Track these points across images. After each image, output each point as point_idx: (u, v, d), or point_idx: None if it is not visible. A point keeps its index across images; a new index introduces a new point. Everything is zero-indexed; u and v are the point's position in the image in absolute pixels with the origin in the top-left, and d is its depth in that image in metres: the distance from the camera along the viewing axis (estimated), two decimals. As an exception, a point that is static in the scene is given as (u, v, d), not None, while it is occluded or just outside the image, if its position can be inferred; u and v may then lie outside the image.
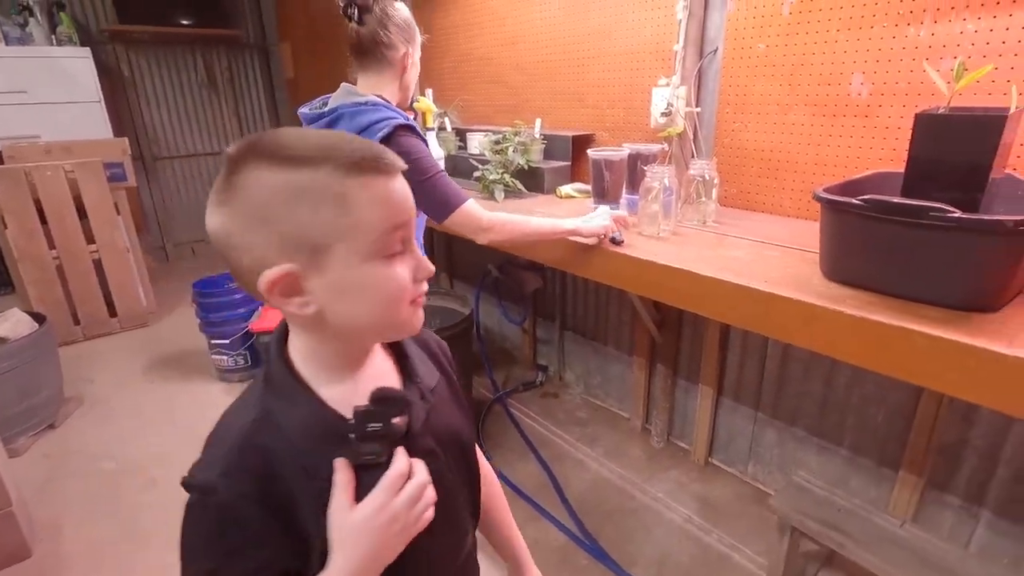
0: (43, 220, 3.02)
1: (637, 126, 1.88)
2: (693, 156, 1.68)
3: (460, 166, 2.15)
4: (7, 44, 3.49)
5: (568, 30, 2.02)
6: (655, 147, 1.58)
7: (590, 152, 1.47)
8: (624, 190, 1.58)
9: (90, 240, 3.18)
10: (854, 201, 0.93)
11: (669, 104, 1.65)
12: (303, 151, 0.47)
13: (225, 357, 2.66)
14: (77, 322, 3.22)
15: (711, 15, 1.63)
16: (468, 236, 1.23)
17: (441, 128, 2.33)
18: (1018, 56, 1.11)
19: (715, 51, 1.64)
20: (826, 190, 1.02)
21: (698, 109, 1.65)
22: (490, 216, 1.21)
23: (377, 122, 1.14)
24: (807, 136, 1.47)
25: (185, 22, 4.20)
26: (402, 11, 1.23)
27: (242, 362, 2.69)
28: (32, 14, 3.61)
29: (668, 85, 1.67)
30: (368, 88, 1.26)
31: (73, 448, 2.24)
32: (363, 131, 1.14)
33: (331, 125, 1.20)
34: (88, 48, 3.69)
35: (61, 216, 3.07)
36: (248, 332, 2.58)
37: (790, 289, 1.02)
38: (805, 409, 1.72)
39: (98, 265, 3.23)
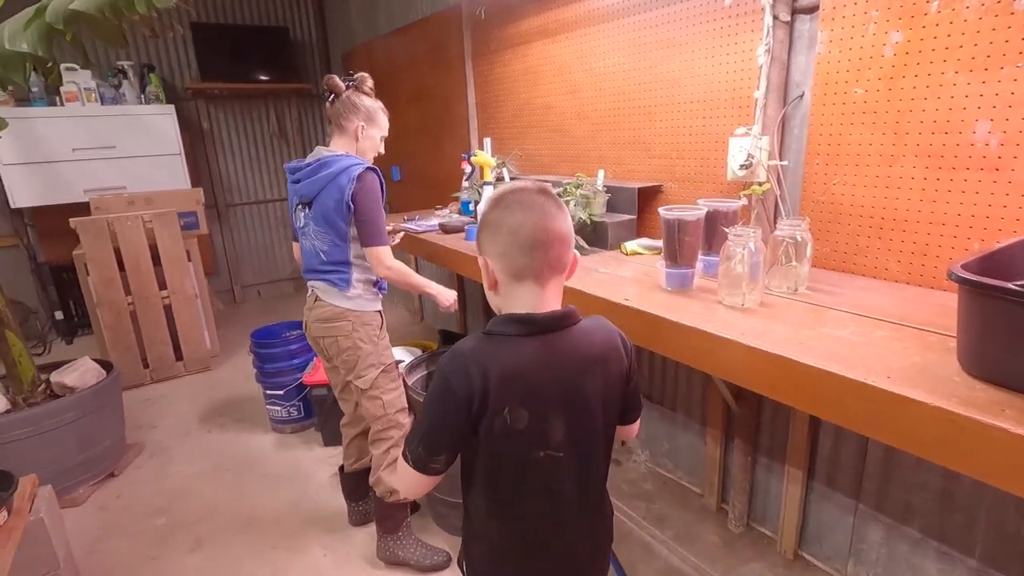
0: (121, 267, 3.17)
1: (711, 177, 1.73)
2: (780, 214, 1.50)
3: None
4: (102, 104, 3.77)
5: (634, 78, 1.92)
6: (734, 203, 1.42)
7: (662, 212, 1.33)
8: (700, 250, 1.42)
9: (162, 286, 3.31)
10: (1012, 287, 0.74)
11: (749, 155, 1.49)
12: None
13: (279, 408, 2.64)
14: (146, 365, 3.32)
15: (795, 58, 1.48)
16: (373, 267, 1.64)
17: (499, 179, 2.26)
18: None
19: (800, 97, 1.48)
20: (965, 267, 0.83)
21: (784, 162, 1.49)
22: (390, 264, 1.62)
23: (353, 165, 1.57)
24: (918, 191, 1.27)
25: (262, 78, 4.44)
26: (363, 100, 1.64)
27: (295, 413, 2.66)
28: (126, 76, 3.91)
29: (747, 135, 1.51)
30: (338, 147, 1.66)
31: (128, 501, 2.24)
32: (343, 170, 1.56)
33: (319, 168, 1.59)
34: (172, 105, 3.95)
35: (137, 264, 3.21)
36: (302, 384, 2.55)
37: (923, 389, 0.82)
38: (920, 505, 1.46)
39: (168, 310, 3.34)
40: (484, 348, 0.84)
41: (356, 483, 1.98)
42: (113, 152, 3.79)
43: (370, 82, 1.68)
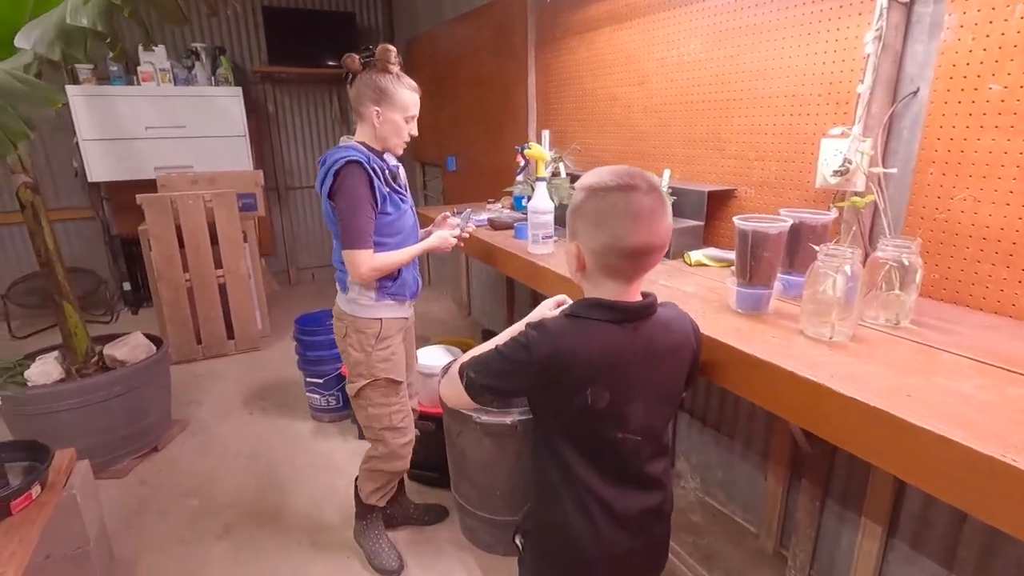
0: (181, 244, 3.25)
1: (795, 184, 1.51)
2: (879, 231, 1.28)
3: (572, 218, 1.90)
4: (175, 84, 3.89)
5: (710, 69, 1.72)
6: (824, 216, 1.21)
7: (738, 221, 1.15)
8: (779, 267, 1.23)
9: (218, 265, 3.37)
10: None
11: (846, 160, 1.28)
12: None
13: (318, 396, 2.61)
14: (200, 341, 3.40)
15: (911, 47, 1.25)
16: (350, 272, 1.52)
17: (555, 174, 2.12)
18: None
19: (915, 92, 1.25)
20: None
21: (892, 170, 1.26)
22: (369, 267, 1.50)
23: (339, 158, 1.44)
24: (1067, 212, 1.03)
25: (330, 63, 4.46)
26: (381, 80, 1.49)
27: (334, 403, 2.62)
28: (199, 58, 4.01)
29: (844, 136, 1.30)
30: (358, 136, 1.56)
31: (167, 479, 2.27)
32: (331, 164, 1.45)
33: (322, 162, 1.51)
34: (240, 88, 4.01)
35: (196, 242, 3.28)
36: (341, 375, 2.51)
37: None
38: (1033, 588, 1.21)
39: (222, 289, 3.40)
40: (571, 329, 0.89)
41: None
42: (183, 131, 3.90)
43: (393, 55, 1.50)
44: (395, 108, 1.51)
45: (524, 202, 2.43)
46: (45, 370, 2.16)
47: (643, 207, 0.83)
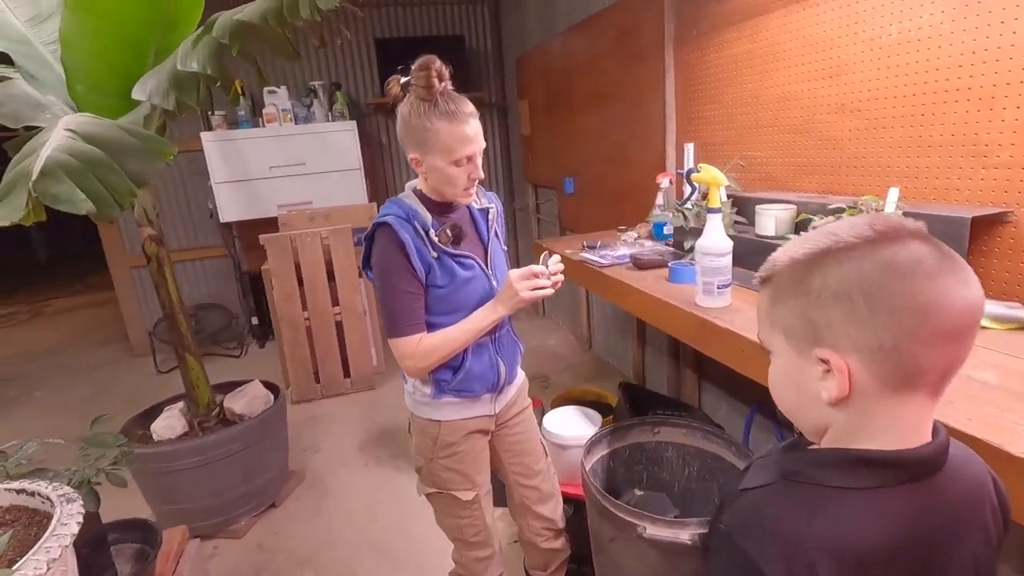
0: (300, 282, 3.22)
1: None
2: None
3: (744, 252, 1.47)
4: (295, 123, 3.96)
5: (960, 46, 1.23)
6: None
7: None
8: None
9: (335, 302, 3.31)
10: None
11: None
12: None
13: (435, 452, 2.38)
14: (318, 380, 3.35)
15: None
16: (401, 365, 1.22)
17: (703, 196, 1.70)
18: None
19: None
20: None
21: None
22: (413, 360, 1.17)
23: (377, 219, 1.16)
24: None
25: (436, 89, 4.37)
26: (412, 116, 1.12)
27: (451, 460, 2.37)
28: (317, 96, 4.07)
29: None
30: (421, 181, 1.23)
31: (283, 543, 2.12)
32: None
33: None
34: (354, 121, 4.01)
35: (314, 280, 3.24)
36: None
37: None
38: None
39: (339, 326, 3.33)
40: (803, 515, 0.52)
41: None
42: (303, 168, 3.96)
43: (435, 70, 1.08)
44: (435, 152, 1.11)
45: (666, 229, 2.04)
46: (170, 424, 2.11)
47: (943, 263, 0.50)
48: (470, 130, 1.11)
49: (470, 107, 1.13)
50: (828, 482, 0.53)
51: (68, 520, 0.94)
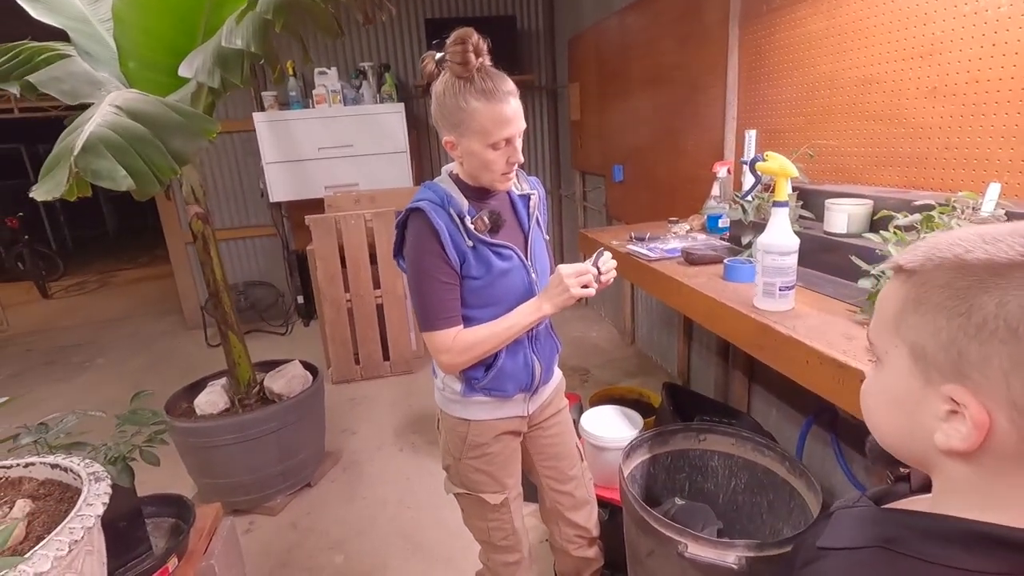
0: (343, 263, 3.24)
1: None
2: None
3: (809, 250, 1.34)
4: (344, 104, 3.96)
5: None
6: None
7: None
8: None
9: (376, 285, 3.31)
10: None
11: None
12: None
13: (469, 442, 2.34)
14: (358, 362, 3.38)
15: None
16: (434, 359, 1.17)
17: (766, 188, 1.56)
18: None
19: None
20: None
21: None
22: (449, 355, 1.11)
23: (409, 205, 1.10)
24: None
25: (486, 71, 4.28)
26: (446, 95, 1.03)
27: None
28: (366, 77, 4.06)
29: None
30: (456, 164, 1.14)
31: (316, 523, 2.14)
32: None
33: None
34: (402, 103, 3.98)
35: (357, 262, 3.25)
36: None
37: None
38: None
39: (380, 309, 3.34)
40: None
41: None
42: (350, 150, 3.96)
43: (472, 44, 0.99)
44: (471, 134, 1.03)
45: (721, 222, 1.90)
46: (212, 399, 2.15)
47: None
48: (509, 110, 1.02)
49: (509, 84, 1.04)
50: (939, 560, 0.42)
51: (94, 500, 0.93)
